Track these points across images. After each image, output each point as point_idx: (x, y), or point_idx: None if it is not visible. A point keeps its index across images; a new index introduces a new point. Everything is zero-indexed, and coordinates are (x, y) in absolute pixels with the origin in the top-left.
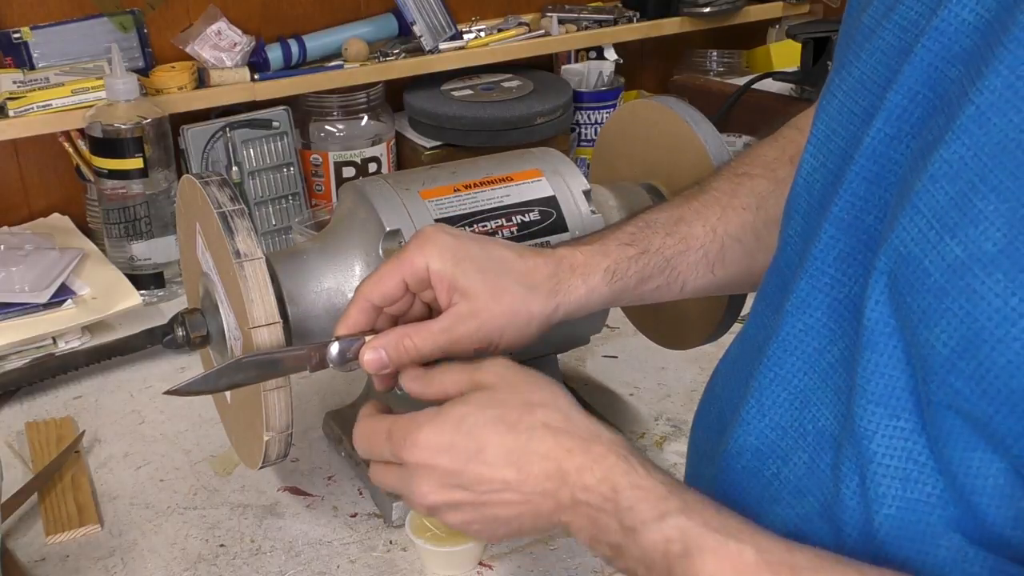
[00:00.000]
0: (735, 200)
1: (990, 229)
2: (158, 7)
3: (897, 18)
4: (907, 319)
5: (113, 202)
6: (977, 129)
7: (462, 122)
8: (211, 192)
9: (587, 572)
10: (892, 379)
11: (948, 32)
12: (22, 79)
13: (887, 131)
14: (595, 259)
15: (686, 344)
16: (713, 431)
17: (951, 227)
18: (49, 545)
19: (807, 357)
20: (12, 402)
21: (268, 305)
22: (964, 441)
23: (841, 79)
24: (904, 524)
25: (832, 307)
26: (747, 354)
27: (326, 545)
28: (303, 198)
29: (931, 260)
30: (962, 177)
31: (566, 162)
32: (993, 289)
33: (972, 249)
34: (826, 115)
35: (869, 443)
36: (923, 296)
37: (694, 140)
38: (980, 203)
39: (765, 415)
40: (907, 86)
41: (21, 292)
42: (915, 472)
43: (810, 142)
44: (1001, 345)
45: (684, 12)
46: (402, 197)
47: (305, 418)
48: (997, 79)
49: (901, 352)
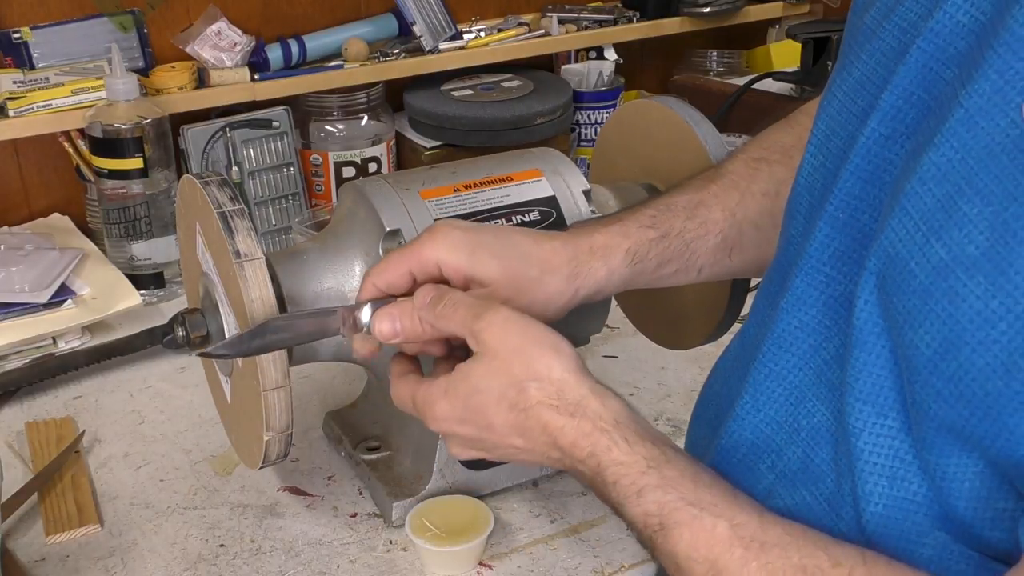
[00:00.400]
0: (754, 185)
1: (973, 232)
2: (158, 7)
3: (897, 19)
4: (894, 319)
5: (113, 202)
6: (965, 132)
7: (462, 122)
8: (211, 192)
9: (587, 572)
10: (880, 378)
11: (943, 34)
12: (22, 79)
13: (881, 131)
14: (615, 240)
15: (686, 344)
16: (709, 426)
17: (937, 229)
18: (49, 545)
19: (802, 354)
20: (12, 402)
21: (268, 305)
22: (941, 446)
23: (842, 79)
24: (891, 522)
25: (827, 304)
26: (745, 350)
27: (326, 545)
28: (303, 198)
29: (917, 262)
30: (949, 180)
31: (566, 162)
32: (974, 292)
33: (956, 252)
34: (827, 115)
35: (857, 440)
36: (908, 297)
37: (694, 140)
38: (965, 206)
39: (760, 410)
40: (901, 87)
41: (21, 292)
42: (901, 471)
43: (811, 142)
44: (981, 348)
45: (684, 12)
46: (402, 197)
47: (305, 418)
48: (985, 82)
49: (888, 352)
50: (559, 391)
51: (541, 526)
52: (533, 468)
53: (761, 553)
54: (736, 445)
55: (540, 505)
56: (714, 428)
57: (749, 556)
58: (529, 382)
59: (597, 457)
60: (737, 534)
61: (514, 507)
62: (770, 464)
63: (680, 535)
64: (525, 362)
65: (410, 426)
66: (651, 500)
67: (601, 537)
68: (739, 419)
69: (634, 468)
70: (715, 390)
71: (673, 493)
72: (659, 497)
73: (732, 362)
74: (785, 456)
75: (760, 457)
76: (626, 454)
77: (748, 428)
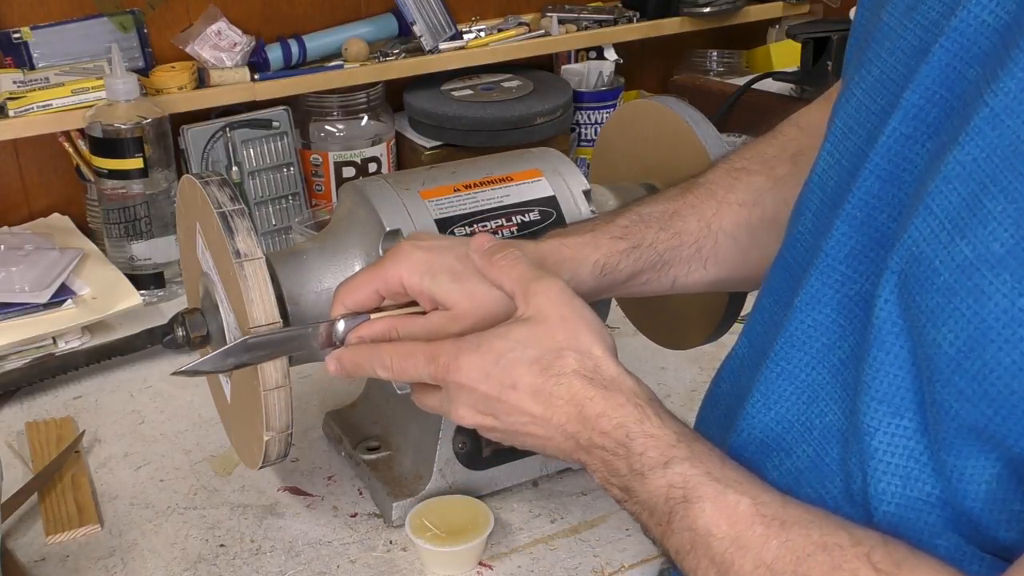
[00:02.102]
0: (731, 195)
1: (998, 230)
2: (158, 7)
3: (919, 17)
4: (916, 319)
5: (113, 202)
6: (990, 131)
7: (462, 122)
8: (211, 192)
9: (587, 572)
10: (897, 378)
11: (966, 33)
12: (22, 79)
13: (903, 130)
14: (584, 252)
15: (686, 344)
16: (718, 425)
17: (962, 228)
18: (49, 545)
19: (815, 352)
20: (12, 402)
21: (268, 305)
22: (960, 447)
23: (861, 77)
24: (903, 522)
25: (842, 304)
26: (754, 350)
27: (326, 545)
28: (303, 198)
29: (941, 260)
30: (974, 178)
31: (566, 162)
32: (1000, 290)
33: (981, 250)
34: (844, 112)
35: (871, 440)
36: (932, 296)
37: (694, 140)
38: (990, 204)
39: (771, 409)
40: (924, 86)
41: (21, 292)
42: (915, 471)
43: (827, 139)
44: (1008, 346)
45: (684, 12)
46: (402, 197)
47: (305, 418)
48: (1011, 81)
49: (907, 352)
50: (596, 366)
51: (541, 526)
52: (533, 468)
53: (782, 531)
54: (746, 443)
55: (540, 505)
56: (724, 428)
57: (770, 533)
58: (569, 351)
59: (626, 427)
60: (760, 512)
61: (514, 507)
62: (777, 463)
63: (702, 509)
64: (571, 333)
65: (410, 426)
66: (677, 472)
67: (601, 537)
68: (750, 417)
69: (664, 440)
70: (723, 389)
71: (700, 467)
72: (686, 469)
73: (740, 362)
74: (795, 455)
75: (768, 455)
76: (657, 427)
77: (759, 427)
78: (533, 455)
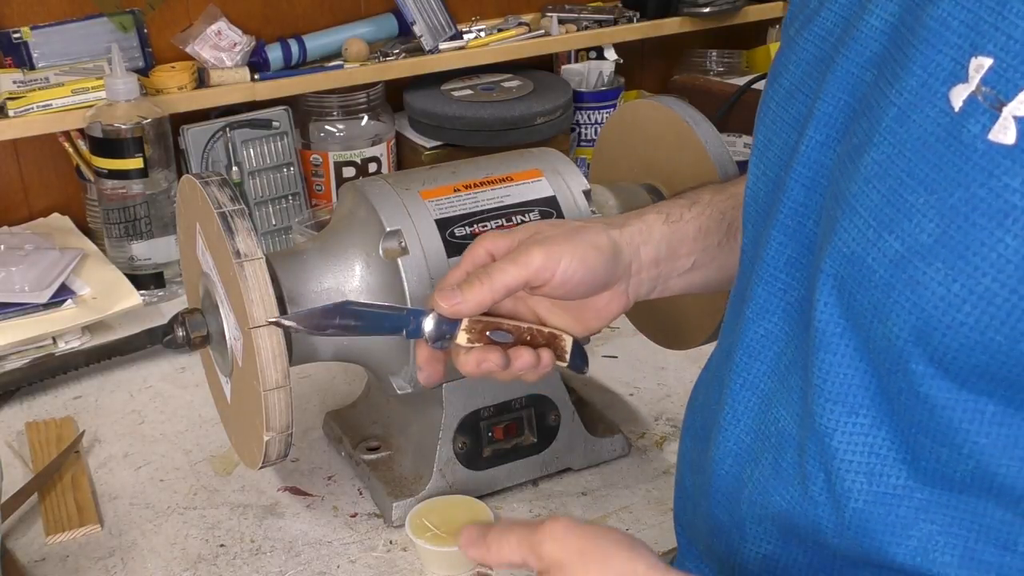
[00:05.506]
0: None
1: (923, 221)
2: (158, 7)
3: (816, 28)
4: (858, 317)
5: (113, 202)
6: (900, 128)
7: (462, 122)
8: (211, 192)
9: None
10: (847, 377)
11: (860, 39)
12: (22, 79)
13: (818, 138)
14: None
15: (686, 344)
16: (699, 438)
17: (888, 223)
18: (49, 545)
19: (770, 361)
20: (12, 402)
21: (268, 305)
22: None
23: (773, 90)
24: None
25: (786, 311)
26: (721, 361)
27: (326, 545)
28: (303, 198)
29: (874, 257)
30: (891, 175)
31: (566, 162)
32: (935, 278)
33: (910, 242)
34: (763, 125)
35: (830, 440)
36: (871, 292)
37: (694, 140)
38: (911, 197)
39: (739, 420)
40: (831, 94)
41: (21, 292)
42: (878, 466)
43: (752, 153)
44: (951, 331)
45: (684, 12)
46: (402, 197)
47: (305, 418)
48: (912, 79)
49: (853, 350)
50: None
51: None
52: (533, 468)
53: None
54: (724, 456)
55: (540, 505)
56: (704, 441)
57: None
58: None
59: None
60: None
61: (514, 507)
62: (750, 473)
63: None
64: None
65: (410, 426)
66: None
67: None
68: (723, 430)
69: None
70: (700, 402)
71: None
72: None
73: (712, 373)
74: (761, 464)
75: (743, 466)
76: None
77: (732, 439)
78: (533, 455)
